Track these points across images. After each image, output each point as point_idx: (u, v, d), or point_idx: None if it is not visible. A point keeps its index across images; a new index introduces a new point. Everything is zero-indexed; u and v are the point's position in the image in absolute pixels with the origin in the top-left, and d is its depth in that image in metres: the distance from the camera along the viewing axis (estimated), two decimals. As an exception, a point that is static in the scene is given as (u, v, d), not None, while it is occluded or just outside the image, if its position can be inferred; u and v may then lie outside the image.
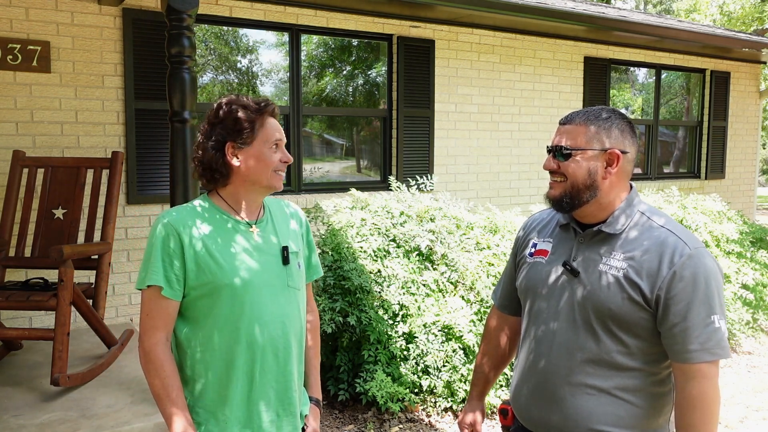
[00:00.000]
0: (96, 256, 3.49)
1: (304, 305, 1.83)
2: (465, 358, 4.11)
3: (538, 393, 1.68)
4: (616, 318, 1.56)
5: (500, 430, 1.99)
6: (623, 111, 7.88)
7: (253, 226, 1.73)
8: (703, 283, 1.51)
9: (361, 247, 4.35)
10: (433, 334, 4.11)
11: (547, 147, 1.69)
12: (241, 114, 1.67)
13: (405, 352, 4.08)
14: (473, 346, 4.13)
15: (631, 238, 1.60)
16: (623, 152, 1.62)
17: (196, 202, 1.72)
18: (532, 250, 1.78)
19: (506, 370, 4.16)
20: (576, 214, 1.67)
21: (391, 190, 5.56)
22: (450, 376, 4.04)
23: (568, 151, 1.61)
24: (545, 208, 1.87)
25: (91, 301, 3.40)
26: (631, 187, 1.69)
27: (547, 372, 1.66)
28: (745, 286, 5.72)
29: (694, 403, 1.50)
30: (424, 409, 4.07)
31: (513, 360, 1.97)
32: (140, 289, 1.65)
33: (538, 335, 1.70)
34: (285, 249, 1.74)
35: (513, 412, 1.83)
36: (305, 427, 1.81)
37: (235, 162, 1.67)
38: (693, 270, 1.51)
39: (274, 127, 1.71)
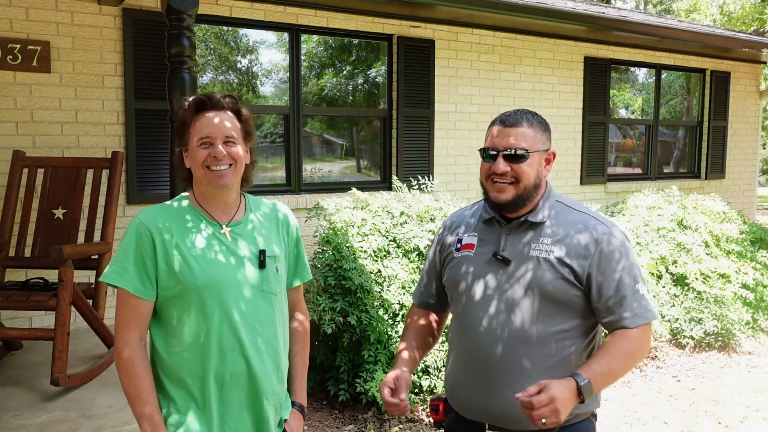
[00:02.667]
0: (96, 256, 3.49)
1: (284, 310, 1.80)
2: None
3: (477, 382, 1.73)
4: (552, 298, 1.66)
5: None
6: (623, 111, 7.89)
7: (225, 227, 1.69)
8: (626, 257, 1.68)
9: (362, 247, 4.35)
10: (433, 334, 4.11)
11: (488, 149, 1.73)
12: (177, 116, 1.71)
13: (405, 352, 4.08)
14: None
15: (555, 225, 1.73)
16: (554, 151, 1.80)
17: (174, 201, 1.72)
18: (458, 245, 1.85)
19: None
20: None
21: (391, 190, 5.55)
22: (450, 376, 4.03)
23: (526, 153, 1.69)
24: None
25: (91, 301, 3.40)
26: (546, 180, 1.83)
27: (486, 360, 1.71)
28: (745, 286, 5.72)
29: (627, 347, 1.64)
30: (424, 409, 4.07)
31: (435, 347, 2.01)
32: (108, 284, 1.64)
33: (474, 324, 1.75)
34: (262, 252, 1.70)
35: (444, 407, 1.87)
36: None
37: (187, 164, 1.69)
38: (614, 246, 1.68)
39: (204, 124, 1.65)
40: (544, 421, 1.47)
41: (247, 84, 5.28)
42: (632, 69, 7.72)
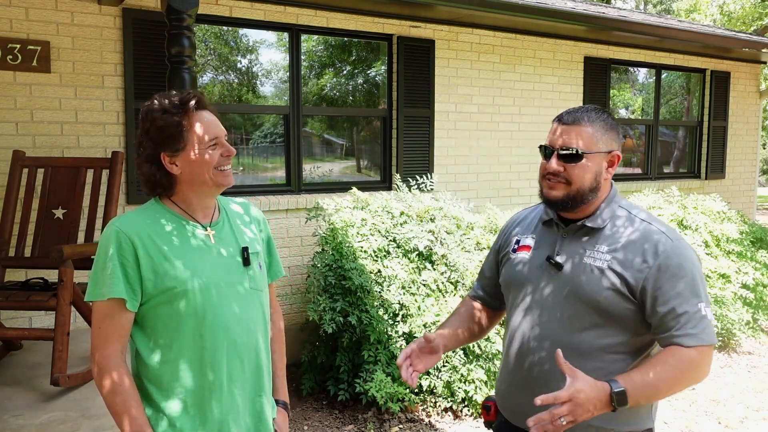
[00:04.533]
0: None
1: (268, 306, 1.78)
2: (465, 358, 4.11)
3: (523, 386, 1.69)
4: (601, 309, 1.58)
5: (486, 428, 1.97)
6: (623, 111, 7.88)
7: (209, 228, 1.65)
8: (689, 274, 1.55)
9: (362, 247, 4.35)
10: (433, 334, 4.11)
11: (545, 146, 1.67)
12: (163, 121, 1.56)
13: (405, 352, 4.08)
14: (473, 346, 4.13)
15: (614, 232, 1.63)
16: (620, 152, 1.68)
17: (148, 206, 1.64)
18: (516, 246, 1.80)
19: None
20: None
21: (391, 189, 5.55)
22: (450, 376, 4.04)
23: (580, 154, 1.61)
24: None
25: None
26: (612, 183, 1.73)
27: (532, 365, 1.66)
28: (745, 286, 5.72)
29: (676, 364, 1.51)
30: (424, 409, 4.07)
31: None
32: (91, 301, 1.57)
33: (522, 329, 1.71)
34: (245, 250, 1.67)
35: (496, 408, 1.84)
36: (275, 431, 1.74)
37: (175, 170, 1.59)
38: (677, 261, 1.55)
39: (207, 124, 1.60)
40: (562, 420, 1.40)
41: (247, 84, 5.28)
42: (632, 69, 7.72)
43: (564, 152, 1.62)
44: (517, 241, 1.81)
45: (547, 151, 1.67)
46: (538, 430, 1.43)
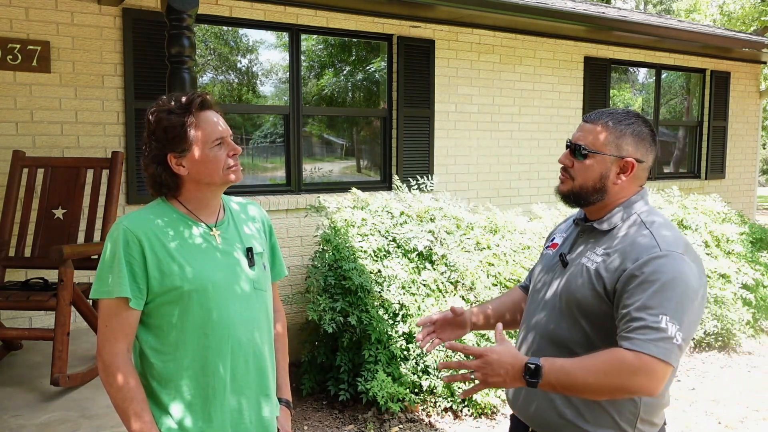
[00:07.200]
0: (96, 256, 3.49)
1: (272, 306, 1.79)
2: (465, 358, 4.11)
3: None
4: (583, 308, 1.61)
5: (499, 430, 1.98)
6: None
7: (214, 228, 1.66)
8: (665, 286, 1.46)
9: (362, 247, 4.35)
10: (433, 334, 4.11)
11: (567, 141, 1.72)
12: (168, 122, 1.57)
13: (405, 352, 4.08)
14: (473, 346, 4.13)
15: (615, 237, 1.63)
16: (639, 161, 1.63)
17: (155, 206, 1.65)
18: (549, 243, 1.88)
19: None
20: (584, 209, 1.75)
21: (391, 190, 5.55)
22: (450, 376, 4.04)
23: (585, 152, 1.65)
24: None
25: (91, 301, 3.40)
26: (641, 189, 1.70)
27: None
28: (745, 286, 5.72)
29: (607, 361, 1.46)
30: (424, 409, 4.07)
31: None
32: (97, 299, 1.56)
33: (526, 321, 1.79)
34: (249, 251, 1.69)
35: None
36: (278, 430, 1.76)
37: (182, 171, 1.60)
38: (654, 269, 1.48)
39: (212, 124, 1.61)
40: (472, 375, 1.49)
41: (247, 84, 5.28)
42: (632, 69, 7.72)
43: (572, 147, 1.67)
44: (552, 239, 1.88)
45: (567, 145, 1.72)
46: (445, 379, 1.59)
